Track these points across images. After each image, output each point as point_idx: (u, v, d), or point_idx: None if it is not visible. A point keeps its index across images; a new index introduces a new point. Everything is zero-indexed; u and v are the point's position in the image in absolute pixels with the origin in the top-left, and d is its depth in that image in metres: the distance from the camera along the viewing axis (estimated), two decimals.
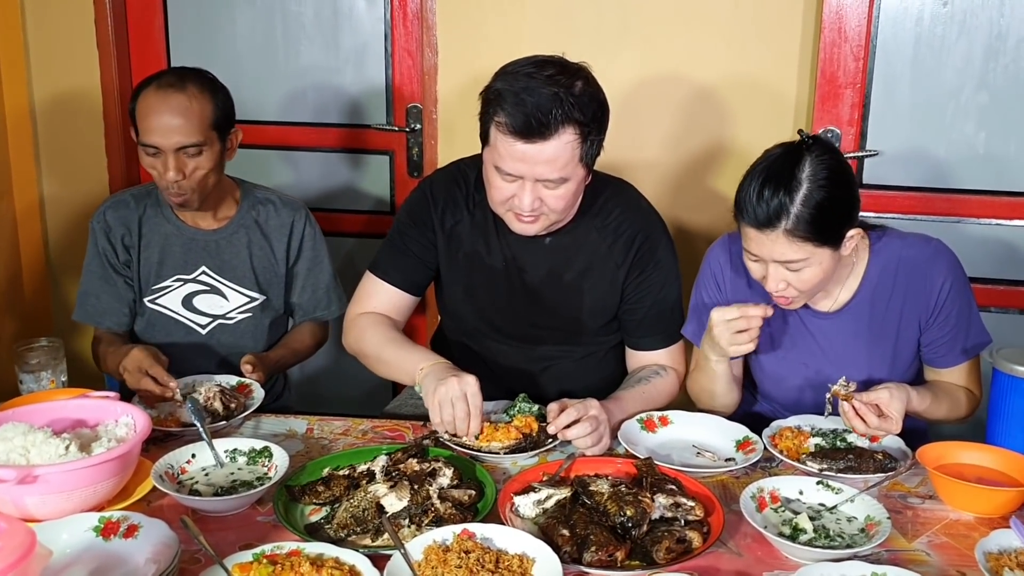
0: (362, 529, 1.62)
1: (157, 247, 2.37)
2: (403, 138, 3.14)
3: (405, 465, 1.76)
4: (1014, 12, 2.68)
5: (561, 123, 1.87)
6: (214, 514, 1.66)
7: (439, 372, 1.93)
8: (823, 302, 2.04)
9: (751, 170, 1.87)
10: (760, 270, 1.91)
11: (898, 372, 2.02)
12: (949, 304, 1.98)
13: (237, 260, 2.39)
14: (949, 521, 1.71)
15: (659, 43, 2.94)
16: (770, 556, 1.59)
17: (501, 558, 1.50)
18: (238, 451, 1.82)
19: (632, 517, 1.57)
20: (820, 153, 1.82)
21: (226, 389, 2.05)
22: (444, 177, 2.23)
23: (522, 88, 1.88)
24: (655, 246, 2.15)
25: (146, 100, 2.22)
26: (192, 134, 2.20)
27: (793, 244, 1.81)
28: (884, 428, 1.82)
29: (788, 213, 1.79)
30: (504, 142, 1.90)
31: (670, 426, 2.01)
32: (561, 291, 2.17)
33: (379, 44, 3.09)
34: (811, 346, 2.06)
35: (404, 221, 2.22)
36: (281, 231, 2.42)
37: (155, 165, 2.23)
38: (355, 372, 3.24)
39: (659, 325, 2.19)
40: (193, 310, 2.39)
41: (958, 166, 2.81)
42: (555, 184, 1.94)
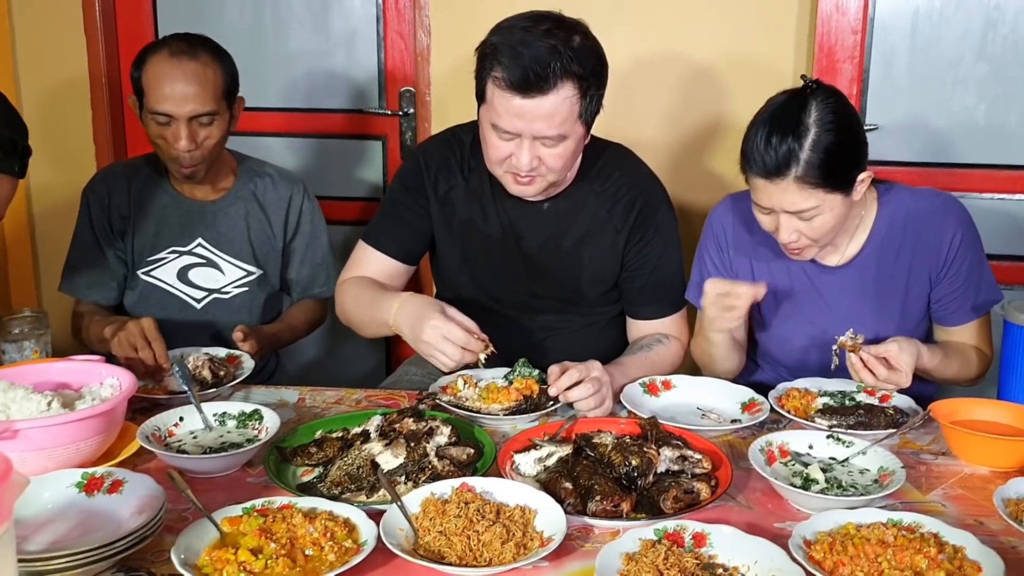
0: (356, 487, 1.56)
1: (153, 218, 2.32)
2: (396, 122, 3.10)
3: (401, 425, 1.69)
4: None
5: (560, 77, 1.82)
6: (202, 475, 1.60)
7: (411, 309, 1.87)
8: (830, 256, 2.00)
9: (756, 119, 1.83)
10: (771, 222, 1.86)
11: (906, 330, 1.97)
12: (960, 258, 1.94)
13: (234, 233, 2.34)
14: (964, 475, 1.66)
15: (654, 20, 2.90)
16: (780, 509, 1.53)
17: (502, 510, 1.44)
18: (227, 414, 1.76)
19: (638, 467, 1.52)
20: (825, 97, 1.79)
21: (215, 358, 1.99)
22: (437, 143, 2.18)
23: (519, 41, 1.84)
24: (655, 211, 2.11)
25: (157, 67, 2.17)
26: (207, 102, 2.17)
27: (804, 191, 1.77)
28: (894, 381, 1.77)
29: (798, 160, 1.75)
30: (501, 98, 1.85)
31: (673, 390, 1.95)
32: (560, 258, 2.12)
33: (371, 27, 3.05)
34: (817, 303, 2.02)
35: (397, 188, 2.17)
36: (279, 204, 2.37)
37: (164, 134, 2.18)
38: (349, 355, 3.22)
39: (660, 293, 2.14)
40: (188, 283, 2.33)
41: (958, 139, 2.78)
42: (554, 142, 1.89)
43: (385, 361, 3.21)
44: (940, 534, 1.38)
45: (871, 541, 1.34)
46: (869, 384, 1.80)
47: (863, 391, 1.91)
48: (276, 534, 1.36)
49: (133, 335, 1.94)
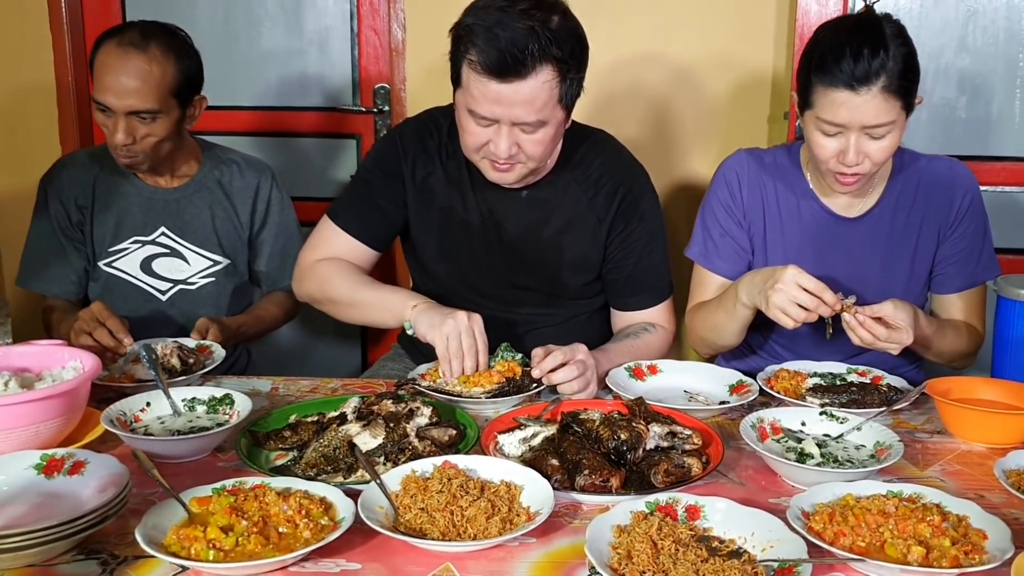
0: (333, 468, 1.49)
1: (114, 207, 2.24)
2: (371, 120, 3.04)
3: (379, 406, 1.62)
4: None
5: (538, 60, 1.75)
6: (170, 459, 1.52)
7: (438, 308, 1.83)
8: (848, 207, 2.00)
9: (831, 37, 1.82)
10: (837, 144, 1.83)
11: (912, 292, 1.95)
12: (968, 220, 1.97)
13: (198, 221, 2.27)
14: (961, 451, 1.62)
15: (633, 20, 2.88)
16: (774, 485, 1.48)
17: (486, 486, 1.38)
18: (197, 399, 1.69)
19: (627, 441, 1.46)
20: (888, 16, 1.83)
21: (184, 347, 1.91)
22: (415, 126, 2.11)
23: (495, 22, 1.75)
24: (639, 199, 2.05)
25: (105, 55, 2.09)
26: (147, 100, 2.08)
27: (888, 102, 1.77)
28: (895, 339, 1.72)
29: (887, 68, 1.75)
30: (477, 82, 1.78)
31: (659, 374, 1.90)
32: (541, 247, 2.06)
33: (344, 23, 3.00)
34: (828, 256, 2.00)
35: (371, 169, 2.09)
36: (245, 193, 2.30)
37: (106, 124, 2.12)
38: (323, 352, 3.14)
39: (646, 283, 2.09)
40: (152, 274, 2.25)
41: (940, 130, 2.76)
42: (533, 128, 1.82)
43: (361, 359, 3.14)
44: (942, 504, 1.33)
45: (872, 511, 1.29)
46: (868, 344, 1.74)
47: (854, 372, 1.86)
48: (248, 512, 1.28)
49: (84, 321, 1.87)
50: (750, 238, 2.05)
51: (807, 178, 2.02)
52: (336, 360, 3.15)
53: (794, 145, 2.07)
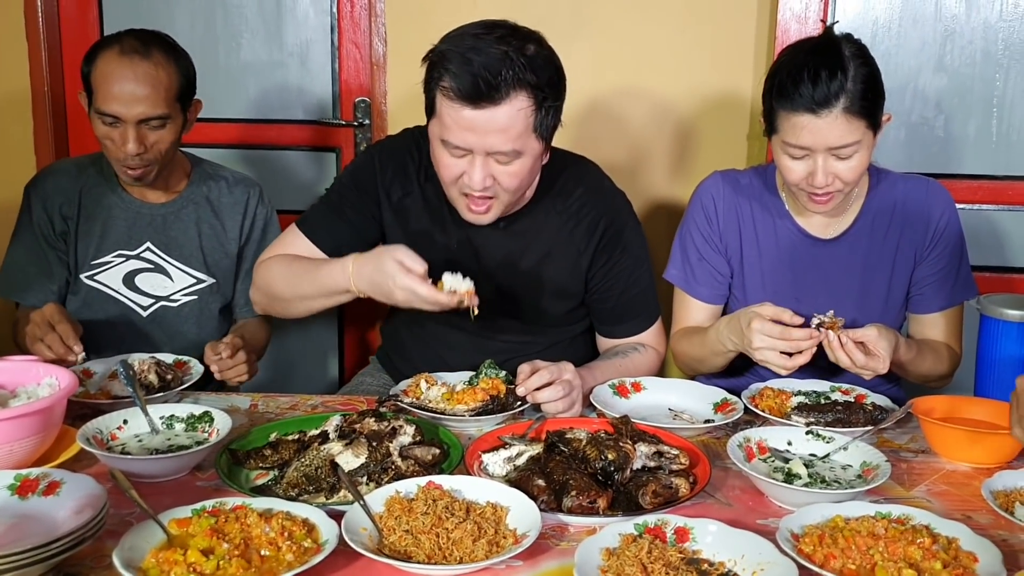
0: (315, 488, 1.46)
1: (99, 219, 2.20)
2: (351, 133, 3.02)
3: (362, 425, 1.60)
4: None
5: (512, 86, 1.70)
6: (148, 479, 1.49)
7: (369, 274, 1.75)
8: (824, 228, 2.00)
9: (791, 61, 1.82)
10: (805, 168, 1.83)
11: (890, 315, 1.95)
12: (945, 240, 1.97)
13: (184, 238, 2.23)
14: (946, 471, 1.61)
15: (614, 43, 2.88)
16: (761, 505, 1.47)
17: (472, 507, 1.36)
18: (175, 417, 1.65)
19: (614, 461, 1.44)
20: (848, 36, 1.84)
21: (162, 363, 1.88)
22: (395, 145, 2.07)
23: (468, 48, 1.71)
24: (621, 230, 2.01)
25: (107, 64, 2.05)
26: (158, 105, 2.05)
27: (851, 123, 1.77)
28: (871, 367, 1.73)
29: (846, 90, 1.76)
30: (450, 109, 1.73)
31: (644, 392, 1.89)
32: (519, 277, 2.01)
33: (325, 36, 2.97)
34: (805, 278, 2.00)
35: (346, 183, 2.05)
36: (235, 209, 2.27)
37: (111, 135, 2.07)
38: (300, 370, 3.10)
39: (632, 311, 2.06)
40: (135, 289, 2.21)
41: (918, 149, 2.78)
42: (508, 158, 1.76)
43: (339, 373, 3.11)
44: (931, 526, 1.33)
45: (861, 533, 1.29)
46: (845, 366, 1.74)
47: (838, 391, 1.87)
48: (229, 534, 1.26)
49: (36, 324, 1.83)
50: (728, 260, 2.05)
51: (783, 199, 2.03)
52: (313, 374, 3.11)
53: (769, 167, 2.07)
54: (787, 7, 2.73)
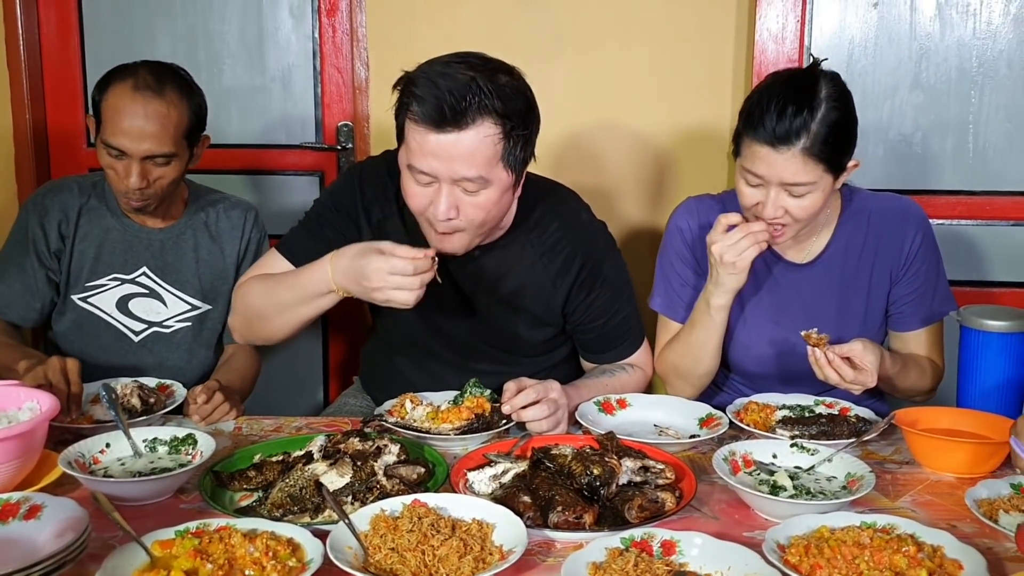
0: (300, 508, 1.45)
1: (95, 241, 2.19)
2: (334, 157, 3.03)
3: (346, 445, 1.59)
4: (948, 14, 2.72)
5: (477, 111, 1.67)
6: (131, 503, 1.48)
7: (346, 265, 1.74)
8: (797, 253, 2.00)
9: (765, 89, 1.81)
10: (758, 195, 1.83)
11: (869, 333, 1.96)
12: (920, 259, 1.97)
13: (181, 263, 2.22)
14: (931, 482, 1.62)
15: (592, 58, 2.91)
16: (748, 519, 1.47)
17: (458, 524, 1.35)
18: (158, 440, 1.65)
19: (600, 476, 1.44)
20: (832, 77, 1.82)
21: (145, 386, 1.87)
22: (375, 166, 2.05)
23: (437, 73, 1.70)
24: (600, 263, 1.99)
25: (119, 98, 2.03)
26: (165, 144, 2.04)
27: (807, 164, 1.76)
28: (859, 381, 1.73)
29: (808, 131, 1.74)
30: (416, 133, 1.71)
31: (629, 408, 1.89)
32: (494, 307, 1.99)
33: (307, 61, 2.99)
34: (781, 302, 2.00)
35: (326, 204, 2.03)
36: (232, 232, 2.26)
37: (115, 167, 2.05)
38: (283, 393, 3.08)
39: (617, 340, 2.05)
40: (128, 314, 2.20)
41: (896, 166, 2.80)
42: (475, 186, 1.73)
43: (323, 395, 3.10)
44: (916, 535, 1.33)
45: (847, 543, 1.29)
46: (834, 382, 1.75)
47: (822, 404, 1.87)
48: (213, 555, 1.25)
49: (55, 370, 1.78)
50: None
51: None
52: (298, 397, 3.10)
53: None
54: (764, 28, 2.77)
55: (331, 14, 2.94)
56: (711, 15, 2.87)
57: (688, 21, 2.87)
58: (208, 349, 2.28)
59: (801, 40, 2.77)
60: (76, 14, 3.01)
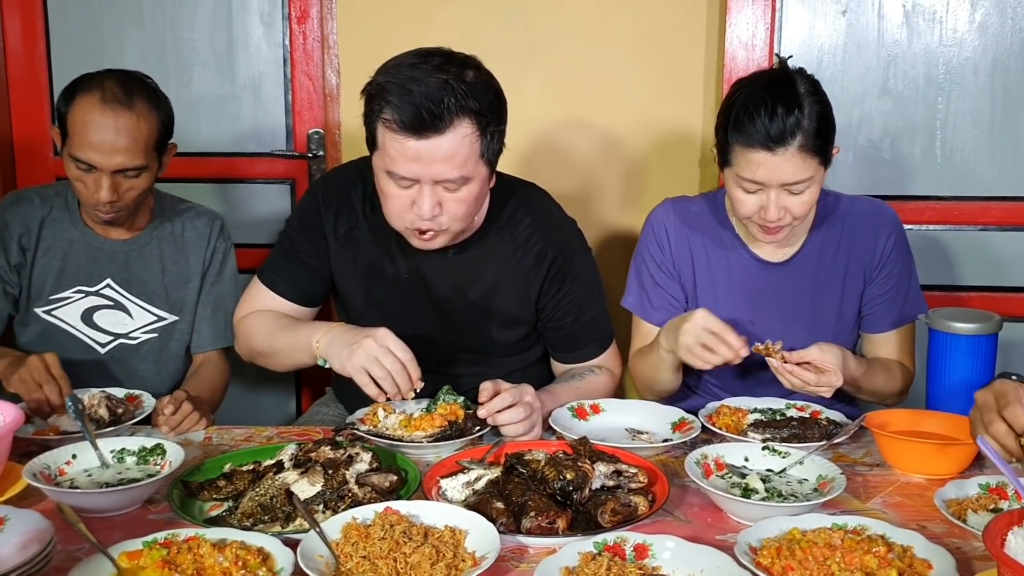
0: (270, 517, 1.44)
1: (58, 253, 2.16)
2: (304, 165, 3.01)
3: (317, 453, 1.58)
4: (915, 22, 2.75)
5: (455, 114, 1.68)
6: (98, 514, 1.46)
7: (343, 335, 1.76)
8: (774, 253, 2.02)
9: (747, 96, 1.82)
10: (757, 201, 1.85)
11: (843, 334, 1.98)
12: (893, 260, 2.00)
13: (147, 275, 2.20)
14: (900, 483, 1.63)
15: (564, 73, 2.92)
16: (720, 521, 1.47)
17: (430, 532, 1.34)
18: (126, 451, 1.63)
19: (573, 481, 1.44)
20: (802, 71, 1.86)
21: (113, 397, 1.84)
22: (338, 178, 2.05)
23: (408, 79, 1.69)
24: (570, 259, 2.01)
25: (87, 111, 1.99)
26: (136, 157, 2.01)
27: (805, 161, 1.79)
28: (825, 383, 1.75)
29: (802, 127, 1.77)
30: (394, 141, 1.70)
31: (602, 413, 1.89)
32: (469, 306, 1.99)
33: (278, 69, 2.97)
34: (757, 301, 2.01)
35: (294, 226, 2.04)
36: (198, 242, 2.24)
37: (84, 180, 2.02)
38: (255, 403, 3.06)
39: (586, 337, 2.06)
40: (93, 326, 2.17)
41: (865, 172, 2.83)
42: (456, 184, 1.74)
43: (296, 405, 3.08)
44: (887, 535, 1.34)
45: (818, 544, 1.29)
46: (798, 388, 1.76)
47: (793, 407, 1.88)
48: (181, 566, 1.23)
49: (35, 370, 1.77)
50: (681, 286, 2.06)
51: (733, 225, 2.05)
52: (270, 407, 3.08)
53: (719, 193, 2.09)
54: (734, 35, 2.79)
55: (302, 21, 2.93)
56: (682, 22, 2.89)
57: (659, 28, 2.89)
58: (176, 360, 2.25)
59: (771, 47, 2.79)
60: (42, 21, 2.98)
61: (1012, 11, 2.70)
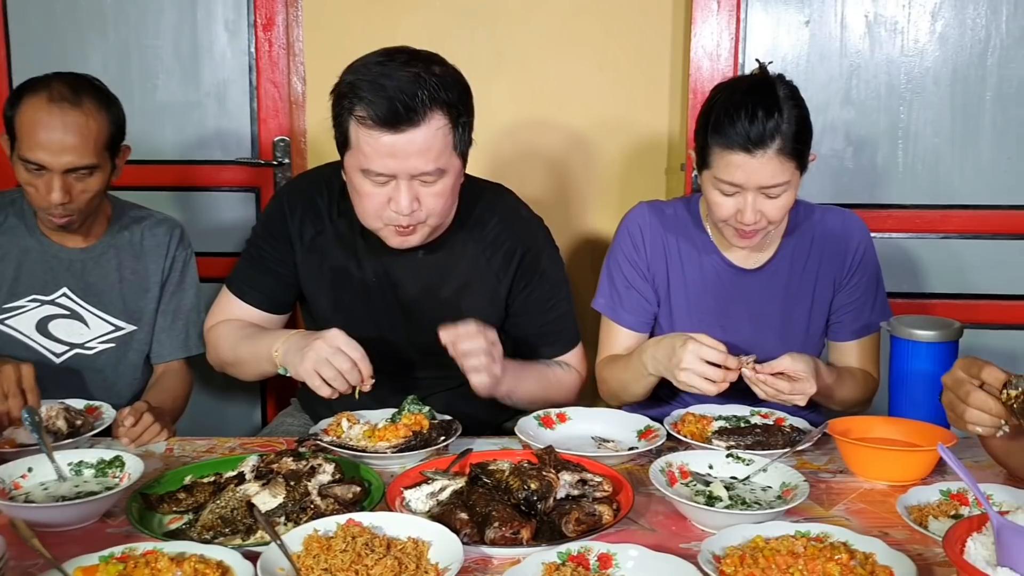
0: (231, 530, 1.42)
1: (12, 261, 2.12)
2: (270, 173, 2.99)
3: (279, 464, 1.56)
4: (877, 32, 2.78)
5: (429, 106, 1.69)
6: (55, 528, 1.43)
7: (298, 341, 1.77)
8: (746, 259, 2.03)
9: (727, 100, 1.83)
10: (734, 204, 1.86)
11: (812, 341, 1.99)
12: (862, 269, 2.02)
13: (104, 284, 2.16)
14: (863, 490, 1.64)
15: (532, 79, 2.94)
16: (684, 530, 1.47)
17: (393, 543, 1.33)
18: (84, 463, 1.60)
19: (537, 490, 1.43)
20: (781, 77, 1.88)
21: (71, 408, 1.81)
22: (303, 184, 2.05)
23: (378, 75, 1.71)
24: (538, 256, 2.02)
25: (34, 111, 1.96)
26: (86, 155, 1.98)
27: (782, 164, 1.80)
28: (799, 391, 1.76)
29: (781, 131, 1.79)
30: (368, 137, 1.71)
31: (568, 422, 1.89)
32: (438, 308, 1.98)
33: (243, 76, 2.95)
34: (729, 307, 2.02)
35: (260, 234, 2.04)
36: (157, 251, 2.21)
37: (35, 183, 1.99)
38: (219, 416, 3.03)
39: (552, 336, 2.07)
40: (48, 336, 2.13)
41: (829, 180, 2.86)
42: (433, 177, 1.76)
43: (261, 416, 3.05)
44: (849, 542, 1.34)
45: (781, 552, 1.29)
46: (771, 397, 1.77)
47: (757, 415, 1.89)
48: None
49: (8, 380, 1.73)
50: (654, 289, 2.07)
51: (707, 230, 2.06)
52: (235, 418, 3.05)
53: (693, 198, 2.11)
54: (699, 45, 2.81)
55: (267, 28, 2.91)
56: (648, 33, 2.92)
57: (626, 38, 2.91)
58: (134, 370, 2.22)
59: (735, 57, 2.81)
60: (2, 28, 2.94)
61: (971, 22, 2.74)
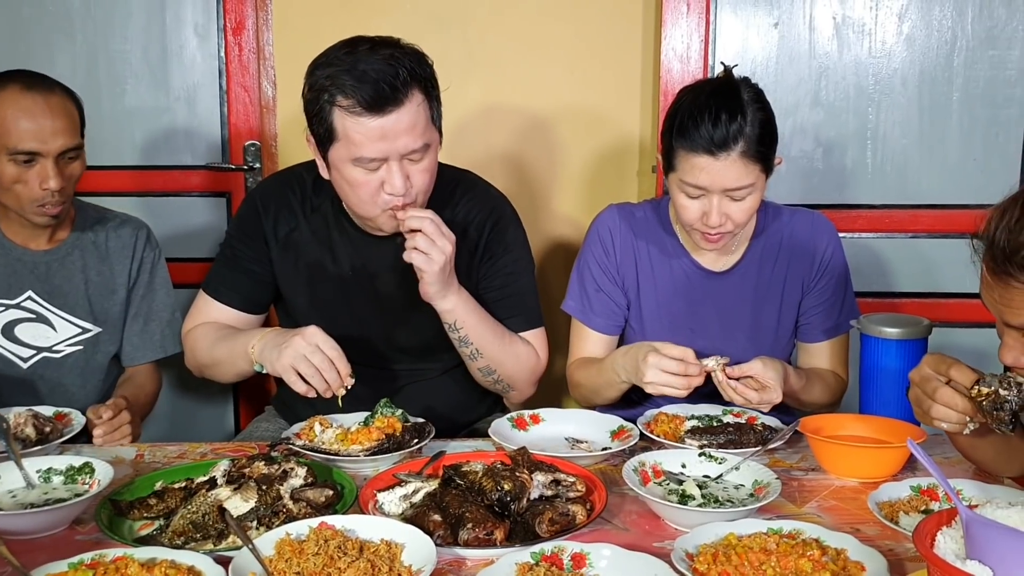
0: (202, 535, 1.41)
1: None
2: (241, 177, 2.97)
3: (251, 469, 1.55)
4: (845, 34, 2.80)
5: (409, 84, 1.75)
6: (22, 536, 1.41)
7: (274, 338, 1.78)
8: (715, 261, 2.04)
9: (692, 103, 1.84)
10: (699, 207, 1.86)
11: (781, 343, 2.00)
12: (831, 270, 2.03)
13: (69, 286, 2.14)
14: (835, 487, 1.65)
15: (503, 78, 2.94)
16: (658, 529, 1.48)
17: (365, 546, 1.32)
18: (53, 470, 1.58)
19: (510, 491, 1.43)
20: (747, 81, 1.88)
21: (40, 415, 1.79)
22: (275, 183, 2.07)
23: (352, 63, 1.75)
24: (504, 229, 2.05)
25: (13, 102, 1.94)
26: (75, 135, 1.99)
27: (747, 166, 1.81)
28: (766, 400, 1.78)
29: (744, 134, 1.79)
30: (357, 125, 1.74)
31: (542, 424, 1.89)
32: (414, 296, 1.96)
33: (213, 81, 2.93)
34: (699, 310, 2.03)
35: (234, 235, 2.06)
36: (123, 252, 2.19)
37: (25, 177, 1.96)
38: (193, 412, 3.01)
39: (515, 307, 2.05)
40: (14, 340, 2.10)
41: (799, 181, 2.88)
42: (420, 155, 1.80)
43: (234, 422, 3.03)
44: (821, 539, 1.35)
45: (754, 549, 1.30)
46: (739, 403, 1.79)
47: (730, 414, 1.90)
48: None
49: None
50: (624, 292, 2.08)
51: (676, 233, 2.07)
52: (208, 423, 3.03)
53: (663, 200, 2.12)
54: (670, 47, 2.82)
55: (237, 32, 2.90)
56: (619, 35, 2.92)
57: (597, 41, 2.92)
58: (101, 372, 2.20)
59: (705, 59, 2.83)
60: None
61: (938, 24, 2.78)
